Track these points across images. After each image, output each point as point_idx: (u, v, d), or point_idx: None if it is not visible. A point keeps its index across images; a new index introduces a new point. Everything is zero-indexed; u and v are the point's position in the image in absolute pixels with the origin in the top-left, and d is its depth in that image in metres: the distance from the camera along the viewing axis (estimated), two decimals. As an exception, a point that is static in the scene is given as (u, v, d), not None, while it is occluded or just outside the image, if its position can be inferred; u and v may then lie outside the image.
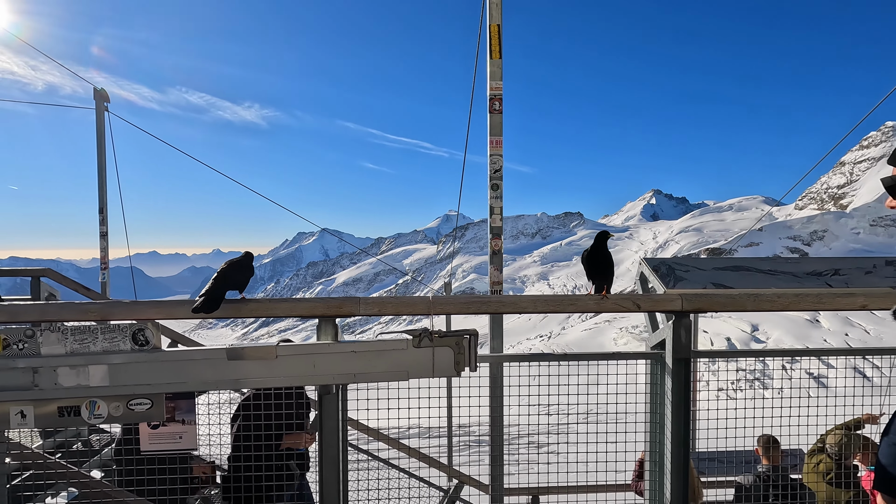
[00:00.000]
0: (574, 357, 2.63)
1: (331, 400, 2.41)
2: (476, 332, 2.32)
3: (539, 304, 2.43)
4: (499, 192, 2.97)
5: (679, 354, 2.51)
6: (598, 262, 2.47)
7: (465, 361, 2.30)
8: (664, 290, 2.67)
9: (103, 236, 6.65)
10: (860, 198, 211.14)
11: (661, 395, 2.67)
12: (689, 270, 2.81)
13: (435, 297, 2.41)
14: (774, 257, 3.64)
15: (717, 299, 2.47)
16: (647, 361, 2.71)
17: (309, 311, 2.37)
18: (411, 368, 2.29)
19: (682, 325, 2.52)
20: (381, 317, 2.42)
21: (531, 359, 2.62)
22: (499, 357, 2.65)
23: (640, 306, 2.46)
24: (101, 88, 6.62)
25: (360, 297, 2.41)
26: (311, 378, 2.25)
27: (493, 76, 3.07)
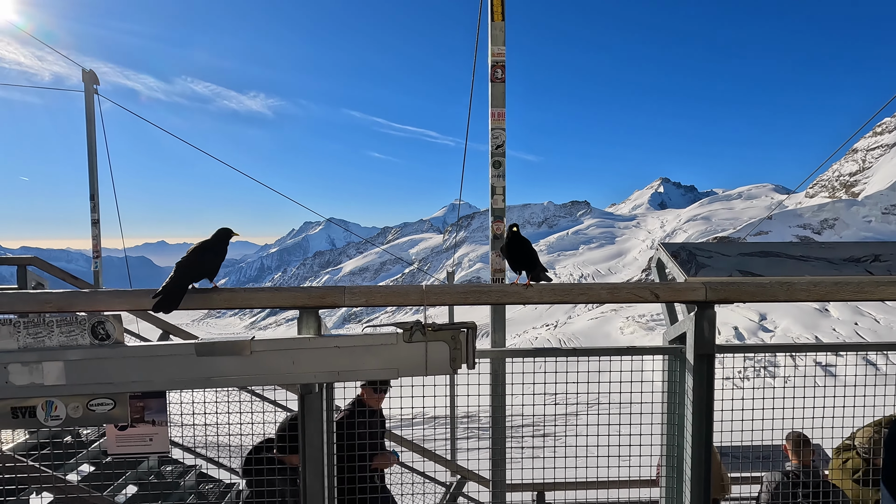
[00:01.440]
0: (584, 352, 2.38)
1: (314, 400, 2.18)
2: (474, 326, 2.07)
3: (546, 293, 2.17)
4: (501, 169, 2.69)
5: (702, 350, 2.25)
6: (517, 248, 2.21)
7: (461, 357, 2.05)
8: (685, 278, 2.40)
9: (95, 224, 6.45)
10: (872, 185, 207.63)
11: (681, 394, 2.41)
12: (713, 256, 2.53)
13: (429, 286, 2.16)
14: (806, 241, 3.35)
15: (746, 288, 2.20)
16: (665, 357, 2.45)
17: (289, 301, 2.13)
18: (402, 365, 2.05)
19: (706, 317, 2.25)
20: (387, 307, 2.18)
21: (536, 354, 2.37)
22: (501, 352, 2.41)
23: (658, 296, 2.20)
24: (90, 70, 6.37)
25: (345, 287, 2.16)
26: (291, 376, 2.02)
27: (494, 40, 2.77)
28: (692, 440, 2.30)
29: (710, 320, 2.25)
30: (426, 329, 2.03)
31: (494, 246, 2.81)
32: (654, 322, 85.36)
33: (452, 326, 2.06)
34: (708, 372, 2.27)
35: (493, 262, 2.78)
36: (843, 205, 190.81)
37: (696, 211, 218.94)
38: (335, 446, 2.85)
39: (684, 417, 2.39)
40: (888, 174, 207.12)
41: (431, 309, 2.13)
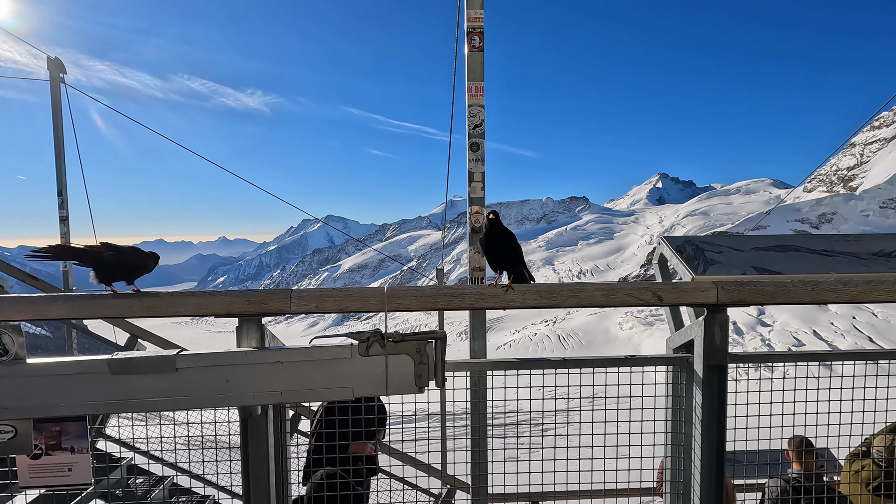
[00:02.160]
0: (576, 363, 2.05)
1: (258, 424, 1.85)
2: (444, 336, 1.74)
3: (530, 297, 1.84)
4: (480, 153, 2.35)
5: (713, 359, 1.93)
6: (496, 242, 1.89)
7: (428, 373, 1.72)
8: (692, 277, 2.07)
9: (63, 221, 6.10)
10: (870, 179, 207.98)
11: (688, 410, 2.09)
12: (723, 251, 2.20)
13: (391, 289, 1.83)
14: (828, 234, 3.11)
15: (764, 288, 1.87)
16: (669, 368, 2.12)
17: (224, 307, 1.80)
18: (357, 383, 1.72)
19: (717, 322, 1.93)
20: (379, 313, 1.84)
21: (520, 366, 2.05)
22: (480, 364, 2.08)
23: (661, 298, 1.87)
24: (56, 57, 6.00)
25: (291, 290, 1.83)
26: (224, 398, 1.69)
27: (470, 3, 2.41)
28: (701, 465, 1.98)
29: (722, 326, 1.93)
30: (386, 340, 1.70)
31: (472, 240, 2.47)
32: (654, 318, 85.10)
33: (418, 337, 1.73)
34: (719, 385, 1.95)
35: (471, 260, 2.44)
36: (840, 199, 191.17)
37: (694, 206, 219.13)
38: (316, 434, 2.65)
39: (691, 438, 2.07)
40: (886, 168, 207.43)
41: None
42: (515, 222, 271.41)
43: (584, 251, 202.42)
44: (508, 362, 2.05)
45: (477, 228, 2.42)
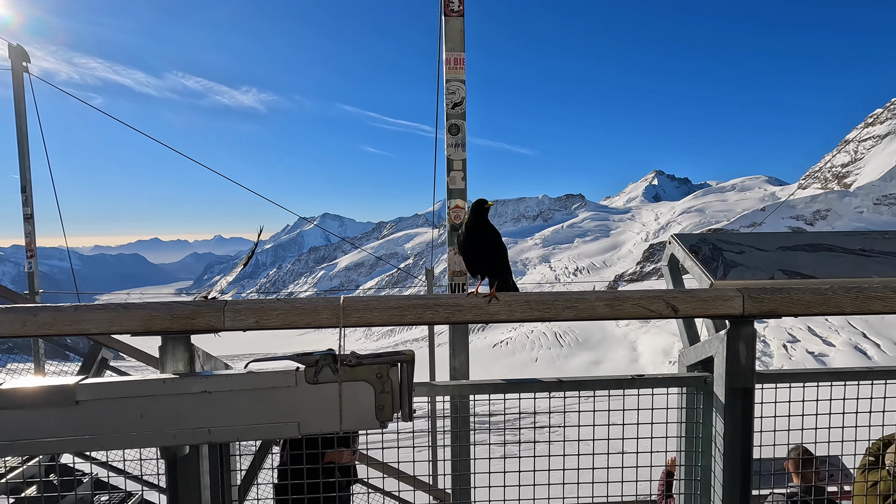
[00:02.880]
0: (573, 386, 1.72)
1: (188, 466, 1.52)
2: (411, 358, 1.41)
3: (518, 308, 1.51)
4: (460, 136, 2.00)
5: (737, 381, 1.61)
6: (478, 241, 1.57)
7: (392, 404, 1.40)
8: (711, 282, 1.75)
9: (28, 219, 5.72)
10: (864, 176, 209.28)
11: (706, 439, 1.77)
12: (745, 251, 1.88)
13: (349, 300, 1.49)
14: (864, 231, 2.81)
15: (800, 296, 1.55)
16: (683, 390, 1.80)
17: (142, 324, 1.46)
18: (304, 417, 1.39)
19: (742, 336, 1.61)
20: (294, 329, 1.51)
21: (508, 388, 1.72)
22: (461, 387, 1.76)
23: (676, 309, 1.55)
24: (17, 45, 5.61)
25: (225, 302, 1.49)
26: (138, 437, 1.35)
27: (448, -42, 2.09)
28: (723, 500, 1.66)
29: (748, 341, 1.61)
30: (340, 363, 1.38)
31: (452, 239, 2.12)
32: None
33: (379, 359, 1.40)
34: (744, 412, 1.63)
35: (450, 263, 2.10)
36: (835, 196, 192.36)
37: (690, 203, 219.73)
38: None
39: (710, 472, 1.75)
40: (880, 165, 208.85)
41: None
42: (512, 220, 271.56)
43: (580, 248, 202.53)
44: (494, 384, 1.73)
45: (457, 226, 2.08)
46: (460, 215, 2.09)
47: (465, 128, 1.98)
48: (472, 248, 1.57)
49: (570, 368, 51.90)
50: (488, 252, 1.56)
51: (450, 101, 2.02)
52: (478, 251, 1.55)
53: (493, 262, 1.56)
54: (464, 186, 2.05)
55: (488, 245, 1.55)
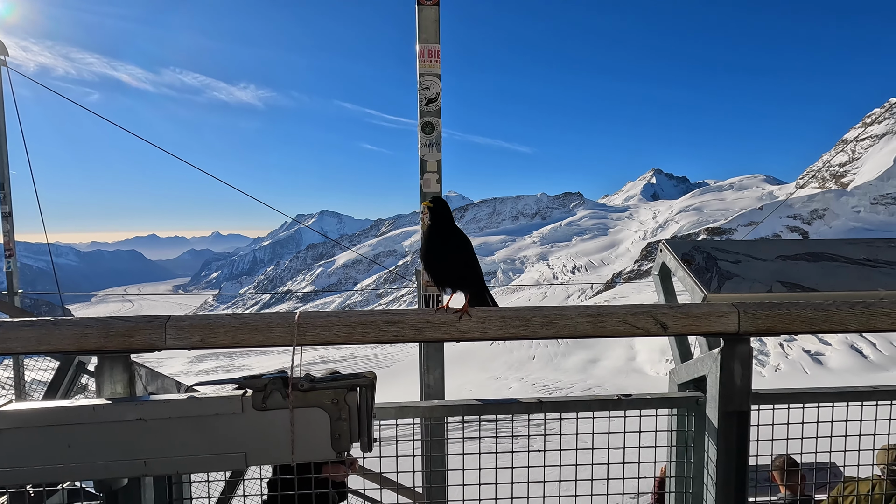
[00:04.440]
0: (554, 407, 1.59)
1: (129, 498, 1.38)
2: (372, 382, 1.27)
3: (491, 324, 1.37)
4: (434, 135, 1.84)
5: (731, 404, 1.48)
6: (441, 247, 1.40)
7: (350, 432, 1.26)
8: (705, 296, 1.61)
9: (6, 217, 5.56)
10: (862, 176, 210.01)
11: (698, 465, 1.64)
12: (741, 261, 1.75)
13: (305, 315, 1.35)
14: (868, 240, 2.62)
15: (801, 312, 1.42)
16: (673, 412, 1.67)
17: (73, 341, 1.31)
18: (250, 447, 1.25)
19: (737, 355, 1.48)
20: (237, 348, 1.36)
21: (483, 410, 1.58)
22: (433, 408, 1.62)
23: (665, 326, 1.41)
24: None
25: (167, 318, 1.35)
26: (63, 470, 1.21)
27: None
28: (714, 535, 1.53)
29: (743, 360, 1.48)
30: (291, 387, 1.24)
31: None
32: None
33: (335, 383, 1.26)
34: (739, 436, 1.50)
35: (423, 273, 1.96)
36: (832, 195, 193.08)
37: (688, 202, 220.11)
38: None
39: (701, 500, 1.62)
40: (877, 164, 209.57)
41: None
42: (510, 217, 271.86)
43: (578, 247, 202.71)
44: (469, 406, 1.59)
45: None
46: None
47: (440, 126, 1.82)
48: (434, 257, 1.42)
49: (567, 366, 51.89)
50: (456, 261, 1.40)
51: (423, 96, 1.84)
52: (442, 260, 1.40)
53: (460, 274, 1.41)
54: (438, 190, 1.90)
55: (455, 252, 1.40)
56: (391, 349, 59.47)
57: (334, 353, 47.88)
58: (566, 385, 30.48)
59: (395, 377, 31.68)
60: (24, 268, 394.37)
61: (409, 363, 49.11)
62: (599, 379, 29.98)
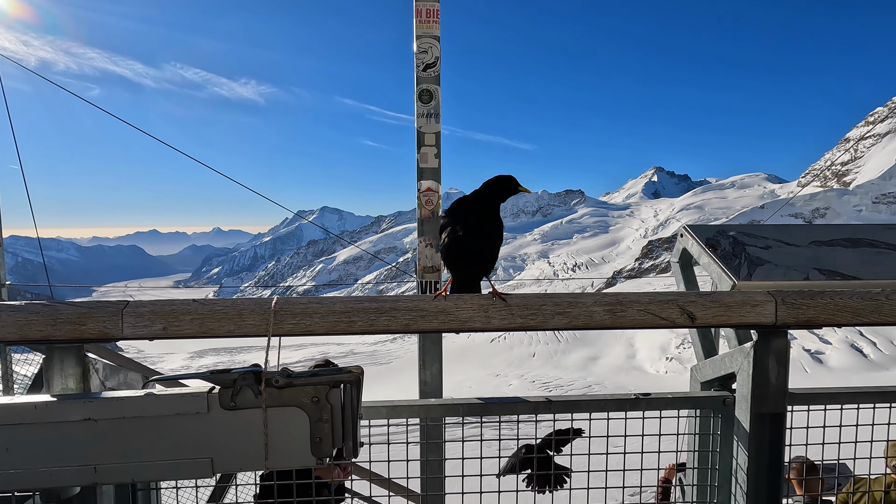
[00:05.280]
0: (563, 406, 1.42)
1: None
2: (357, 377, 1.10)
3: (495, 313, 1.20)
4: (433, 105, 1.65)
5: (765, 405, 1.32)
6: (481, 230, 1.26)
7: (332, 435, 1.09)
8: (734, 284, 1.44)
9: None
10: (864, 174, 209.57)
11: (724, 472, 1.47)
12: (772, 247, 1.58)
13: (282, 302, 1.19)
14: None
15: (846, 302, 1.25)
16: (696, 413, 1.50)
17: (15, 330, 1.15)
18: (218, 452, 1.09)
19: (773, 350, 1.31)
20: None
21: (485, 410, 1.41)
22: (429, 407, 1.45)
23: (693, 317, 1.24)
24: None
25: (126, 303, 1.18)
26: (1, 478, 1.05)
27: None
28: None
29: (779, 356, 1.31)
30: (264, 383, 1.07)
31: (422, 230, 1.78)
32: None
33: (315, 378, 1.09)
34: (773, 441, 1.33)
35: (420, 257, 1.77)
36: (834, 194, 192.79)
37: (689, 200, 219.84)
38: None
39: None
40: (879, 163, 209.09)
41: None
42: (511, 215, 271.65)
43: (579, 244, 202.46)
44: (470, 405, 1.42)
45: (428, 215, 1.72)
46: (433, 200, 1.75)
47: (439, 95, 1.64)
48: (478, 234, 1.26)
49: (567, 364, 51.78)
50: (496, 244, 1.28)
51: (420, 61, 1.65)
52: (485, 238, 1.25)
53: (490, 260, 1.27)
54: (437, 165, 1.71)
55: (498, 234, 1.27)
56: (392, 345, 59.23)
57: (334, 350, 47.68)
58: (566, 382, 30.41)
59: (394, 374, 31.39)
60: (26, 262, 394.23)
61: (410, 360, 48.74)
62: (599, 376, 29.89)
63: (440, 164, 1.69)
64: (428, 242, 1.75)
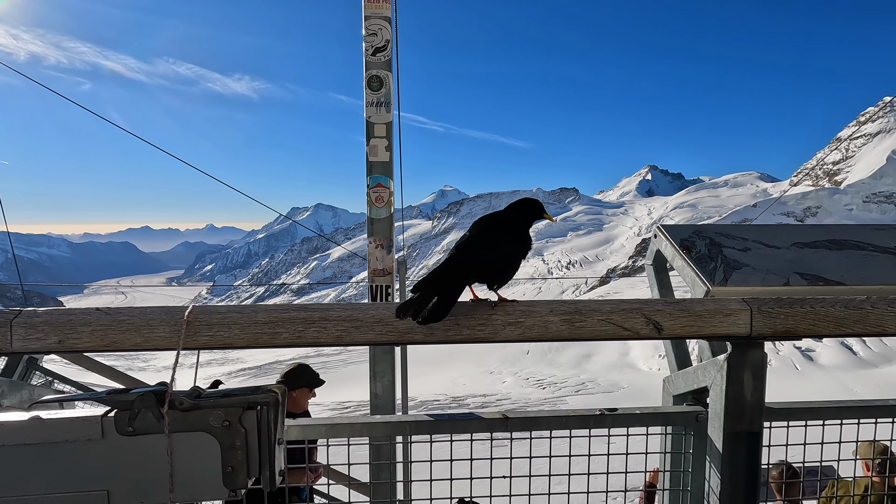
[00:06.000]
0: (521, 424, 1.29)
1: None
2: (276, 398, 0.97)
3: (438, 324, 1.07)
4: (383, 93, 1.50)
5: (740, 423, 1.20)
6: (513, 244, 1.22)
7: (247, 464, 0.96)
8: (708, 289, 1.32)
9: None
10: (855, 174, 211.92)
11: (698, 492, 1.36)
12: (750, 248, 1.46)
13: (198, 311, 1.05)
14: None
15: (827, 310, 1.14)
16: (667, 430, 1.38)
17: None
18: (115, 484, 0.95)
19: (749, 362, 1.19)
20: None
21: (435, 428, 1.28)
22: (372, 425, 1.31)
23: (660, 327, 1.12)
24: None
25: (16, 313, 1.04)
26: None
27: None
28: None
29: (755, 369, 1.19)
30: (167, 405, 0.94)
31: (374, 230, 1.63)
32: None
33: (227, 400, 0.96)
34: (749, 461, 1.22)
35: (369, 258, 1.63)
36: (825, 193, 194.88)
37: (683, 198, 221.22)
38: None
39: (701, 537, 1.33)
40: (870, 163, 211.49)
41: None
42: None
43: (573, 242, 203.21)
44: (418, 423, 1.29)
45: (378, 211, 1.56)
46: (384, 197, 1.60)
47: (391, 81, 1.49)
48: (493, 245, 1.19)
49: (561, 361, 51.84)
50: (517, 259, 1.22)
51: (369, 44, 1.50)
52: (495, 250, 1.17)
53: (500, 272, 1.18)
54: (388, 159, 1.56)
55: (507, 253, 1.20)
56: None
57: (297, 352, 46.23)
58: (560, 380, 30.39)
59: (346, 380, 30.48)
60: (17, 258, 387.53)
61: (403, 357, 48.63)
62: (593, 373, 29.90)
63: (392, 158, 1.55)
64: (378, 243, 1.60)
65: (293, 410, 3.05)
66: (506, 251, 1.15)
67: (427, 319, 1.00)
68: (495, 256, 1.13)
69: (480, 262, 1.11)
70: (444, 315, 1.02)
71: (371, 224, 1.61)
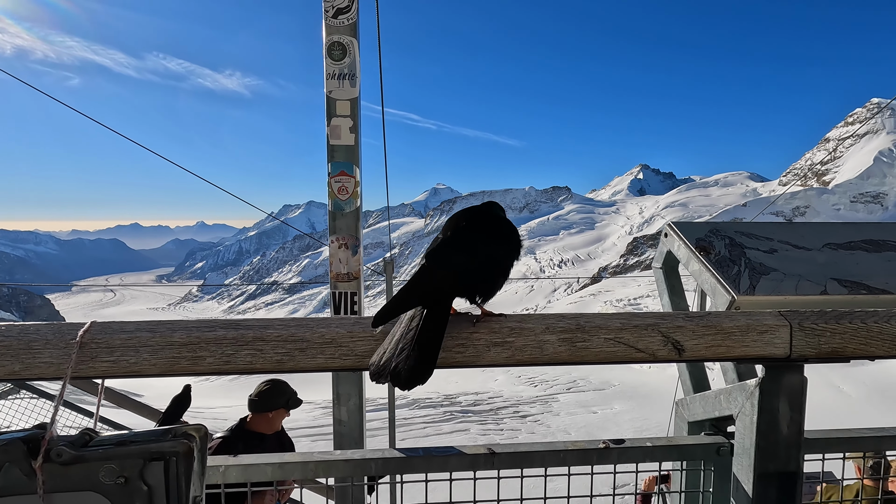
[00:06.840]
0: (511, 460, 1.08)
1: None
2: (189, 448, 0.74)
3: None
4: (346, 63, 1.27)
5: (774, 461, 1.00)
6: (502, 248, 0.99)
7: (153, 533, 0.73)
8: (733, 298, 1.11)
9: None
10: (843, 174, 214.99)
11: (715, 541, 1.14)
12: (777, 250, 1.25)
13: (98, 329, 0.81)
14: None
15: (881, 326, 0.94)
16: (682, 464, 1.17)
17: None
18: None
19: (784, 388, 0.99)
20: None
21: (408, 467, 1.06)
22: (331, 464, 1.08)
23: (681, 348, 0.91)
24: None
25: None
26: None
27: None
28: None
29: (794, 396, 0.98)
30: (42, 457, 0.70)
31: (338, 226, 1.40)
32: (634, 307, 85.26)
33: (122, 449, 0.73)
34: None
35: (331, 260, 1.40)
36: (814, 193, 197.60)
37: (674, 197, 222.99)
38: None
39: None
40: (857, 163, 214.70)
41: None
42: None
43: (565, 240, 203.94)
44: (385, 460, 1.07)
45: (342, 204, 1.32)
46: (348, 188, 1.36)
47: (356, 49, 1.26)
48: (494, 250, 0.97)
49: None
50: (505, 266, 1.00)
51: (329, 5, 1.26)
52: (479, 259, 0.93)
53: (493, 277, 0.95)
54: (353, 142, 1.32)
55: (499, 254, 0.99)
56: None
57: None
58: (551, 378, 30.36)
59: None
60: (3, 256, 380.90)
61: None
62: (584, 371, 29.87)
63: (358, 142, 1.30)
64: (342, 242, 1.36)
65: (265, 431, 2.78)
66: (491, 254, 0.92)
67: (410, 382, 0.76)
68: (476, 264, 0.89)
69: (457, 273, 0.87)
70: (429, 372, 0.78)
71: (333, 220, 1.37)
